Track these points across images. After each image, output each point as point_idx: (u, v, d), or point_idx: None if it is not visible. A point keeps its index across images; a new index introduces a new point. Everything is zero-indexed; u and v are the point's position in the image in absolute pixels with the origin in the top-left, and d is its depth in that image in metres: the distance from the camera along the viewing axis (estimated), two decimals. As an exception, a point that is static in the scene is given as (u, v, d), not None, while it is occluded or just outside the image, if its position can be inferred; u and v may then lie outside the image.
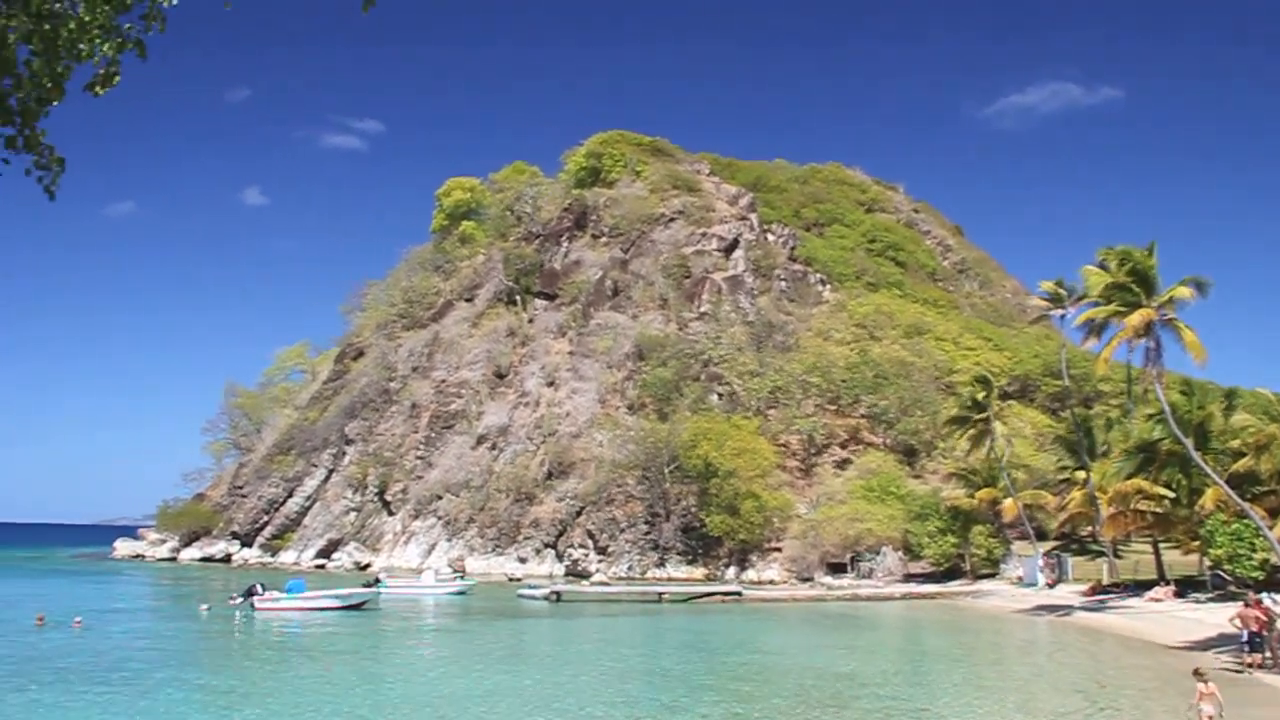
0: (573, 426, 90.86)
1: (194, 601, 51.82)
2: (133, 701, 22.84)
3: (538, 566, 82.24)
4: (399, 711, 22.68)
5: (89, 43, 6.85)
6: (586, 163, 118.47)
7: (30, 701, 22.42)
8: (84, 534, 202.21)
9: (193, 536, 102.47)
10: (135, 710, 21.82)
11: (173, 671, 28.75)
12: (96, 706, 22.15)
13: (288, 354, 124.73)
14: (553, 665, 32.31)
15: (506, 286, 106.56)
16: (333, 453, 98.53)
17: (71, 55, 6.84)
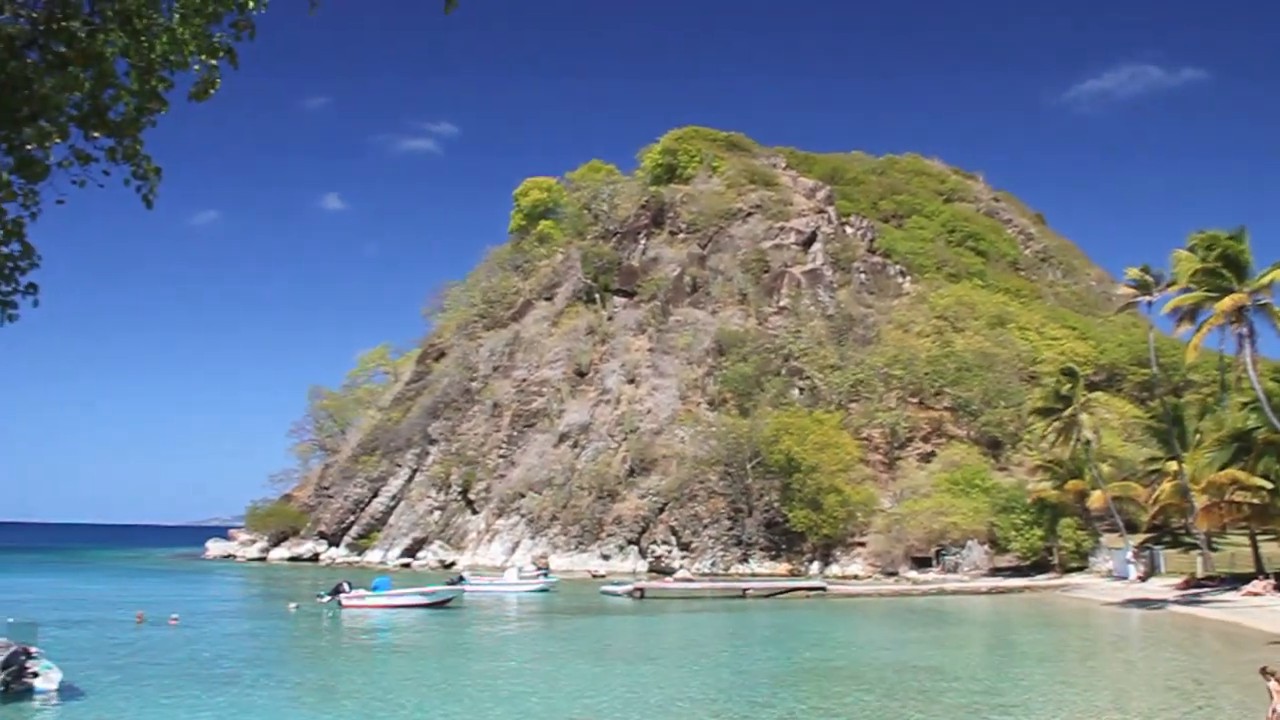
0: (654, 423, 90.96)
1: (283, 600, 52.72)
2: (227, 697, 23.32)
3: (621, 563, 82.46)
4: (485, 707, 22.89)
5: (183, 54, 7.03)
6: (662, 159, 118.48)
7: (133, 696, 23.02)
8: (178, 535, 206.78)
9: (281, 536, 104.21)
10: (230, 706, 22.28)
11: (265, 668, 29.31)
12: (193, 701, 22.66)
13: (370, 356, 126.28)
14: (637, 662, 32.40)
15: (585, 285, 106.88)
16: (416, 452, 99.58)
17: (167, 67, 7.03)
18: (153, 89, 7.05)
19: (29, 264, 7.32)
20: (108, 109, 7.01)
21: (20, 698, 22.03)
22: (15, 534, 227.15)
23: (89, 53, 6.73)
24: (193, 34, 7.08)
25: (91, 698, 22.58)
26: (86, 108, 6.98)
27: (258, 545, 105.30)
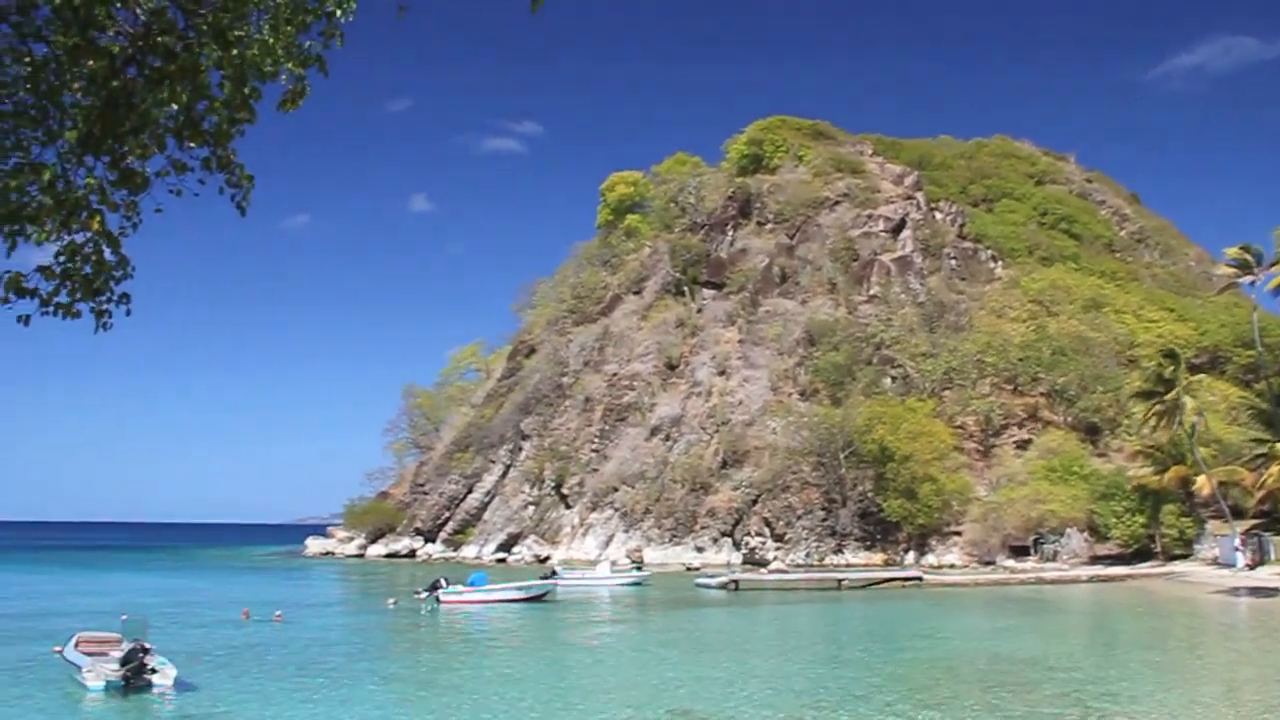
0: (745, 415, 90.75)
1: (382, 596, 53.56)
2: (331, 691, 23.78)
3: (715, 555, 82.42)
4: (583, 700, 23.07)
5: (274, 64, 7.20)
6: (748, 150, 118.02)
7: (242, 691, 23.61)
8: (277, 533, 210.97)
9: (378, 533, 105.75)
10: (334, 699, 22.72)
11: (366, 662, 29.84)
12: (298, 695, 23.15)
13: (462, 354, 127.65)
14: (733, 653, 32.38)
15: (674, 278, 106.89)
16: (509, 448, 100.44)
17: (258, 77, 7.20)
18: (244, 99, 7.23)
19: (123, 274, 7.56)
20: (202, 120, 7.22)
21: (139, 692, 22.71)
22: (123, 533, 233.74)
23: (185, 66, 6.93)
24: (283, 44, 7.25)
25: (204, 692, 23.20)
26: (181, 119, 7.19)
27: (355, 542, 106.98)
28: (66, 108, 7.32)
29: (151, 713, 21.49)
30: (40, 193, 7.16)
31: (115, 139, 7.03)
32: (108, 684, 22.64)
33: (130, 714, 21.33)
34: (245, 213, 7.59)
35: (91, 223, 7.23)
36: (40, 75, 7.22)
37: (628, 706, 22.14)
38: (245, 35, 7.09)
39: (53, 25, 7.08)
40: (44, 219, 7.15)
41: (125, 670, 22.68)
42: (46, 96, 7.27)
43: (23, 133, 7.33)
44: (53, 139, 7.39)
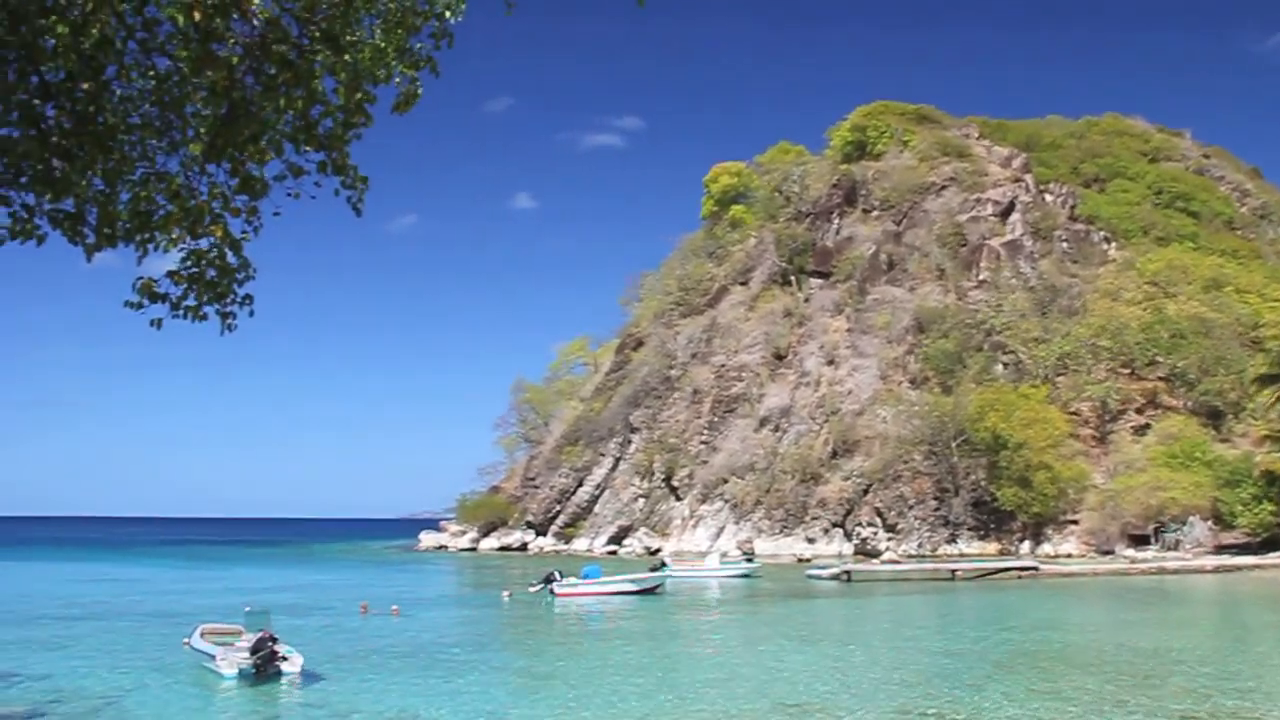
0: (855, 404, 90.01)
1: (495, 589, 54.23)
2: (448, 683, 24.18)
3: (826, 546, 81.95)
4: (696, 692, 23.13)
5: (386, 67, 7.37)
6: (852, 137, 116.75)
7: (364, 680, 24.16)
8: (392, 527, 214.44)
9: (490, 527, 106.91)
10: (449, 691, 23.10)
11: (482, 654, 30.27)
12: (418, 686, 23.60)
13: (569, 348, 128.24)
14: (847, 644, 32.19)
15: (780, 267, 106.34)
16: (619, 441, 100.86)
17: (372, 81, 7.38)
18: (358, 103, 7.42)
19: (245, 276, 7.81)
20: (317, 125, 7.42)
21: (269, 680, 23.40)
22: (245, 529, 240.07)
23: (300, 73, 7.13)
24: (394, 47, 7.41)
25: (327, 681, 23.79)
26: (298, 125, 7.40)
27: (468, 536, 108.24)
28: (189, 118, 7.58)
29: (281, 700, 22.13)
30: (167, 201, 7.44)
31: (235, 147, 7.27)
32: (240, 671, 23.37)
33: (262, 700, 21.98)
34: (360, 213, 7.79)
35: (215, 228, 7.49)
36: (163, 88, 7.50)
37: (739, 698, 22.14)
38: (357, 40, 7.27)
39: (175, 40, 7.33)
40: (171, 226, 7.43)
41: (256, 658, 23.38)
42: (170, 108, 7.54)
43: (149, 144, 7.62)
44: (176, 149, 7.67)
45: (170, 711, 20.75)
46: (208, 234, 7.49)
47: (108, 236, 7.46)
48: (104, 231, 7.45)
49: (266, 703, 21.84)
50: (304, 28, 7.18)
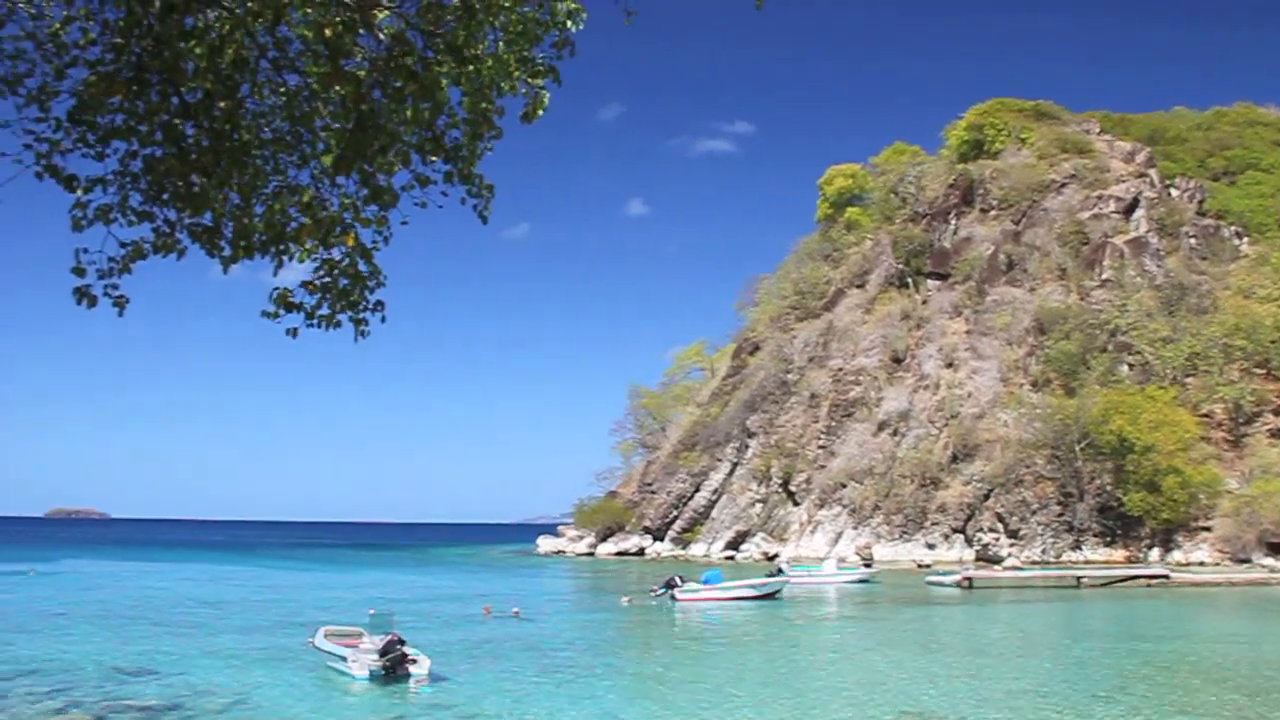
0: (975, 407, 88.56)
1: (614, 594, 54.46)
2: (569, 686, 24.37)
3: (946, 552, 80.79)
4: (814, 698, 22.97)
5: (509, 78, 7.48)
6: (968, 136, 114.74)
7: (488, 683, 24.48)
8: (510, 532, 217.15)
9: (608, 532, 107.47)
10: (572, 694, 23.27)
11: (602, 659, 30.44)
12: (537, 689, 23.83)
13: (685, 354, 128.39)
14: (968, 652, 31.65)
15: (897, 269, 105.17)
16: (736, 446, 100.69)
17: (497, 91, 7.50)
18: (484, 114, 7.54)
19: (376, 284, 7.99)
20: (443, 136, 7.56)
21: (397, 682, 23.86)
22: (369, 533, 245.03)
23: (426, 85, 7.28)
24: (516, 57, 7.52)
25: (453, 683, 24.16)
26: (424, 136, 7.55)
27: (586, 541, 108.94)
28: (318, 132, 7.79)
29: (409, 701, 22.52)
30: (300, 213, 7.66)
31: (364, 158, 7.45)
32: (371, 673, 23.87)
33: (391, 701, 22.40)
34: (487, 221, 7.93)
35: (347, 238, 7.68)
36: (294, 104, 7.72)
37: (859, 705, 21.92)
38: (481, 52, 7.39)
39: (304, 57, 7.55)
40: (305, 237, 7.64)
41: (386, 660, 23.87)
42: (300, 123, 7.77)
43: (280, 158, 7.85)
44: (306, 162, 7.89)
45: (301, 710, 21.26)
46: (339, 244, 7.70)
47: (244, 249, 7.71)
48: (240, 244, 7.71)
49: (395, 703, 22.25)
50: (428, 41, 7.33)
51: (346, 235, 7.67)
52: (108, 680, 24.20)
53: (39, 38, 7.46)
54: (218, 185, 7.51)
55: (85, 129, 7.48)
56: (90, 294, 7.60)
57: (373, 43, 7.43)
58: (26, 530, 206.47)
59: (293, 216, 7.70)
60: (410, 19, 7.34)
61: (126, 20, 7.28)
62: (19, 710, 20.47)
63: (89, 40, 7.42)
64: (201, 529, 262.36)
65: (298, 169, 7.87)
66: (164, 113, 7.42)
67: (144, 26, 7.20)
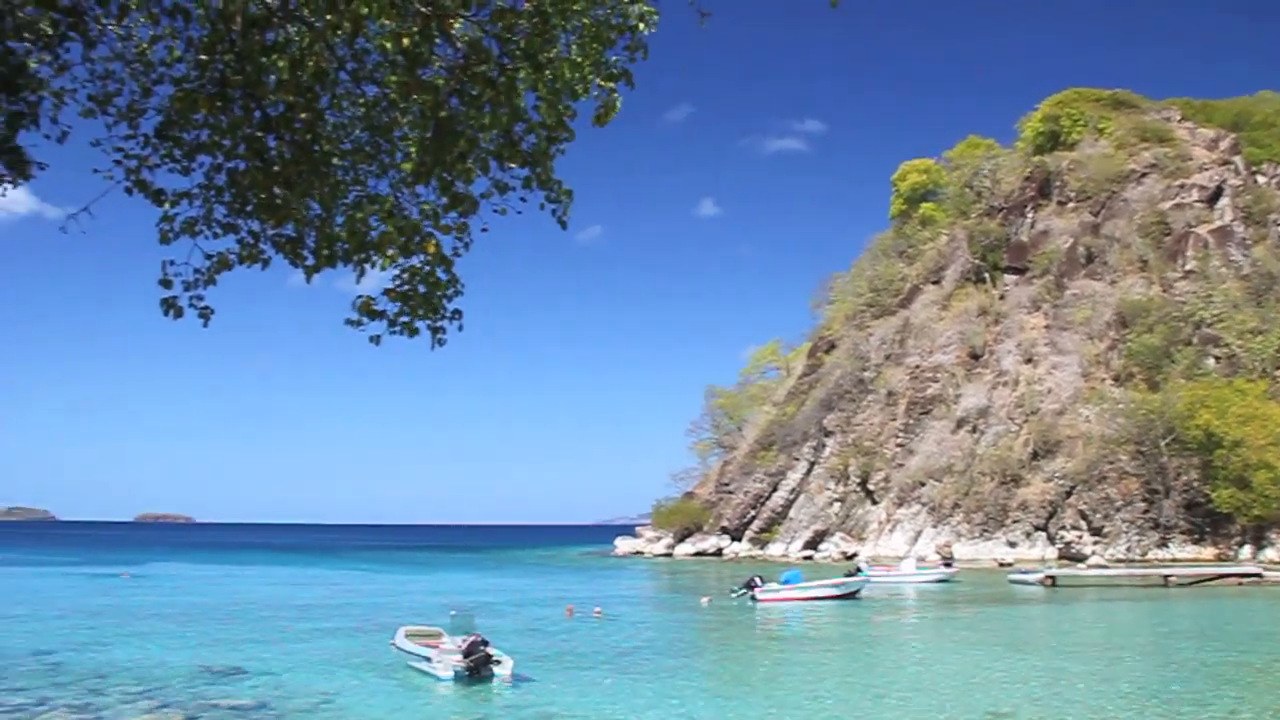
0: (1055, 403, 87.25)
1: (693, 594, 54.47)
2: (650, 687, 24.42)
3: (1028, 550, 79.70)
4: (898, 699, 22.80)
5: (583, 82, 7.53)
6: (1044, 127, 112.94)
7: (571, 682, 24.63)
8: (587, 533, 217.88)
9: (685, 533, 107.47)
10: (653, 694, 23.32)
11: (683, 659, 30.49)
12: (620, 689, 23.90)
13: (760, 353, 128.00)
14: (1053, 652, 31.18)
15: (973, 265, 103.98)
16: (813, 445, 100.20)
17: (571, 95, 7.56)
18: (559, 119, 7.61)
19: (454, 292, 8.08)
20: (520, 141, 7.64)
21: (481, 682, 24.09)
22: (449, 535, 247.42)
23: (502, 91, 7.36)
24: (590, 61, 7.57)
25: (536, 683, 24.32)
26: (501, 141, 7.64)
27: (663, 541, 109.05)
28: (397, 142, 7.92)
29: (492, 701, 22.73)
30: (381, 221, 7.79)
31: (443, 166, 7.55)
32: (455, 674, 24.11)
33: (474, 701, 22.62)
34: (566, 226, 7.98)
35: (429, 245, 7.79)
36: (372, 114, 7.85)
37: (943, 706, 21.71)
38: (555, 56, 7.45)
39: (382, 68, 7.68)
40: (386, 245, 7.77)
41: (470, 661, 24.09)
42: (379, 133, 7.89)
43: (360, 168, 7.98)
44: (385, 171, 8.01)
45: (386, 710, 21.53)
46: (420, 251, 7.80)
47: (327, 257, 7.86)
48: (323, 253, 7.86)
49: (479, 704, 22.45)
50: (504, 47, 7.40)
51: (427, 243, 7.78)
52: (198, 680, 24.69)
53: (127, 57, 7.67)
54: (300, 196, 7.66)
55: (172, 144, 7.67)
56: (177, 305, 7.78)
57: (450, 51, 7.52)
58: (117, 534, 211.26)
59: (373, 225, 7.83)
60: (485, 26, 7.42)
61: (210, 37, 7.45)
62: (114, 709, 20.98)
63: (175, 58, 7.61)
64: (284, 532, 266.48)
65: (377, 178, 8.00)
66: (247, 126, 7.58)
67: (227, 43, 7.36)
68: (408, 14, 7.16)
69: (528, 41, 7.34)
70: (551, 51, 7.45)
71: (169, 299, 7.75)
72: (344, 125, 7.93)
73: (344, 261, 7.86)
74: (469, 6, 7.31)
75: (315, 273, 7.93)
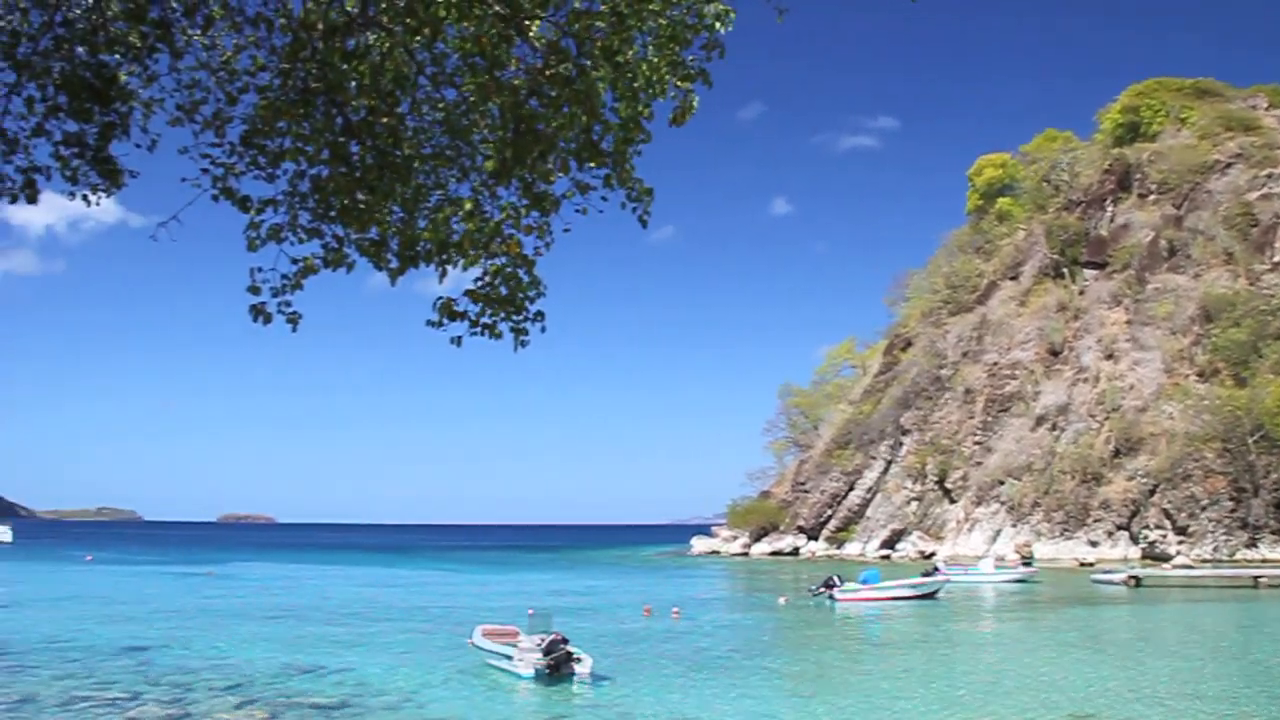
0: (1138, 400, 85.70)
1: (771, 594, 54.34)
2: (729, 687, 24.43)
3: (1110, 550, 78.38)
4: (977, 700, 22.56)
5: (660, 82, 7.54)
6: (1123, 118, 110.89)
7: (650, 682, 24.72)
8: (662, 533, 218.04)
9: (761, 532, 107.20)
10: (732, 694, 23.33)
11: (761, 659, 30.45)
12: (698, 689, 23.94)
13: (836, 351, 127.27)
14: (1137, 654, 30.66)
15: (1051, 260, 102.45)
16: (890, 444, 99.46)
17: (649, 95, 7.57)
18: (635, 119, 7.62)
19: (536, 293, 8.13)
20: (600, 141, 7.68)
21: (561, 680, 24.25)
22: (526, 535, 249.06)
23: (581, 92, 7.40)
24: (667, 61, 7.58)
25: (614, 682, 24.44)
26: (581, 142, 7.68)
27: (739, 541, 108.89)
28: (476, 145, 7.99)
29: (573, 700, 22.89)
30: (462, 223, 7.88)
31: (524, 167, 7.62)
32: (536, 672, 24.29)
33: (554, 699, 22.77)
34: (647, 225, 7.99)
35: (511, 246, 7.86)
36: (451, 118, 7.93)
37: (1027, 709, 21.43)
38: (632, 56, 7.47)
39: (461, 72, 7.76)
40: (468, 246, 7.85)
41: (551, 659, 24.26)
42: (459, 135, 7.97)
43: (440, 171, 8.07)
44: (465, 175, 8.09)
45: (467, 707, 21.77)
46: (503, 252, 7.87)
47: (410, 259, 7.96)
48: (407, 255, 7.96)
49: (558, 701, 22.60)
50: (582, 47, 7.44)
51: (509, 244, 7.84)
52: (281, 677, 25.13)
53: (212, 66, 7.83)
54: (382, 200, 7.76)
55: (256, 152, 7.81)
56: (265, 311, 7.90)
57: (528, 52, 7.58)
58: (201, 534, 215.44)
59: (454, 227, 7.91)
60: (563, 26, 7.47)
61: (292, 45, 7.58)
62: (202, 704, 21.42)
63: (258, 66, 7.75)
64: (362, 532, 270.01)
65: (458, 181, 8.08)
66: (329, 133, 7.71)
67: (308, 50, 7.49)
68: (485, 17, 7.23)
69: (605, 41, 7.36)
70: (629, 52, 7.47)
71: (258, 305, 7.88)
72: (424, 129, 8.02)
73: (426, 263, 7.95)
74: (546, 7, 7.36)
75: (399, 275, 8.03)
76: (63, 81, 7.42)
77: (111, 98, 7.54)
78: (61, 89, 7.44)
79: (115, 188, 7.82)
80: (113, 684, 23.93)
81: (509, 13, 7.26)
